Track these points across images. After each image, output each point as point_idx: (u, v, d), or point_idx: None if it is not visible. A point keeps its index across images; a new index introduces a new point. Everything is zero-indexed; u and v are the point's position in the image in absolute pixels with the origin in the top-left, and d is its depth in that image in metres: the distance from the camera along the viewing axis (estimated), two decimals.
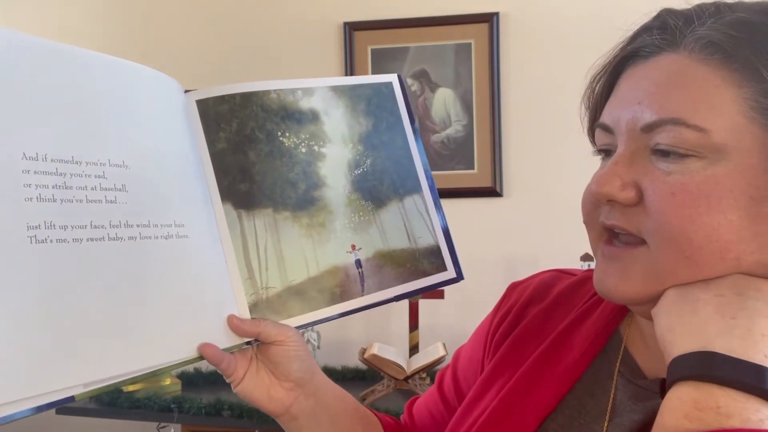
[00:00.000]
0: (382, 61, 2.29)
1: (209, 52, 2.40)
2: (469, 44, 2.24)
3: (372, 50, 2.29)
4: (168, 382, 1.95)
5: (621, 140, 0.57)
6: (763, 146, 0.51)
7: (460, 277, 0.79)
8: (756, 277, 0.52)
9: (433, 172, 2.24)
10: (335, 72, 2.33)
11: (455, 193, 2.25)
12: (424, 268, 0.78)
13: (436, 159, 2.27)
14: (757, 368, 0.46)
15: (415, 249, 0.78)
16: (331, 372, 2.11)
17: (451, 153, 2.26)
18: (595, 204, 0.59)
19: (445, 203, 2.57)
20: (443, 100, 2.26)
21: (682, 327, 0.50)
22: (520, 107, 2.24)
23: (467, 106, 2.25)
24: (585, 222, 0.61)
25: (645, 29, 0.59)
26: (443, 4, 2.25)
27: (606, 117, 0.59)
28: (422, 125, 2.28)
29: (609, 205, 0.57)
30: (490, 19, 2.22)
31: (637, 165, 0.55)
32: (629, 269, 0.56)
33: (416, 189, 0.79)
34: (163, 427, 1.84)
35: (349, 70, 2.29)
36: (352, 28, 2.30)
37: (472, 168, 2.25)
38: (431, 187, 0.80)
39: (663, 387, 0.50)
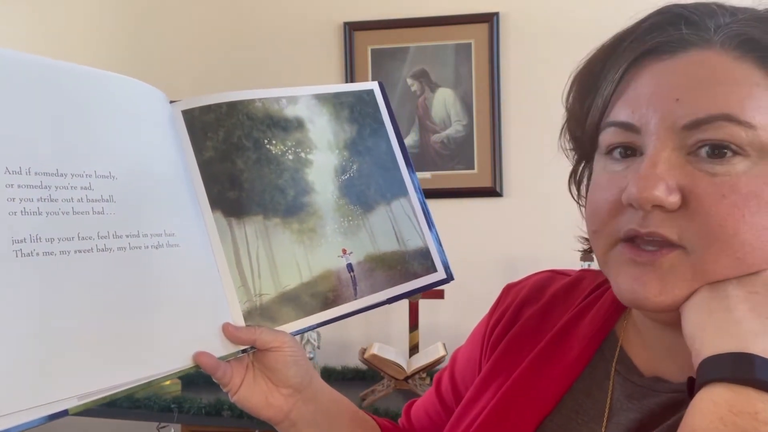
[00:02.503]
0: (382, 61, 2.29)
1: (209, 52, 2.41)
2: (469, 44, 2.24)
3: (372, 50, 2.29)
4: (168, 382, 1.96)
5: (652, 140, 0.53)
6: None
7: (450, 277, 0.79)
8: None
9: (433, 172, 2.27)
10: (336, 72, 2.33)
11: (455, 193, 2.25)
12: (414, 270, 0.78)
13: (436, 159, 2.27)
14: None
15: (405, 251, 0.78)
16: (331, 372, 2.11)
17: (451, 153, 2.26)
18: (614, 211, 0.55)
19: (445, 203, 2.56)
20: (443, 100, 2.26)
21: (714, 325, 0.48)
22: (520, 107, 2.23)
23: (467, 106, 2.25)
24: (595, 231, 0.58)
25: (667, 24, 0.56)
26: (443, 4, 2.25)
27: (625, 115, 0.55)
28: (422, 125, 2.28)
29: (644, 211, 0.52)
30: (490, 19, 2.22)
31: (676, 166, 0.52)
32: (669, 276, 0.52)
33: (402, 192, 0.80)
34: (163, 427, 1.85)
35: (349, 70, 2.29)
36: (352, 28, 2.29)
37: (472, 168, 2.25)
38: (417, 190, 0.81)
39: (691, 386, 0.48)
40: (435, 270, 0.79)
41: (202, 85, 2.36)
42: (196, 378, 2.05)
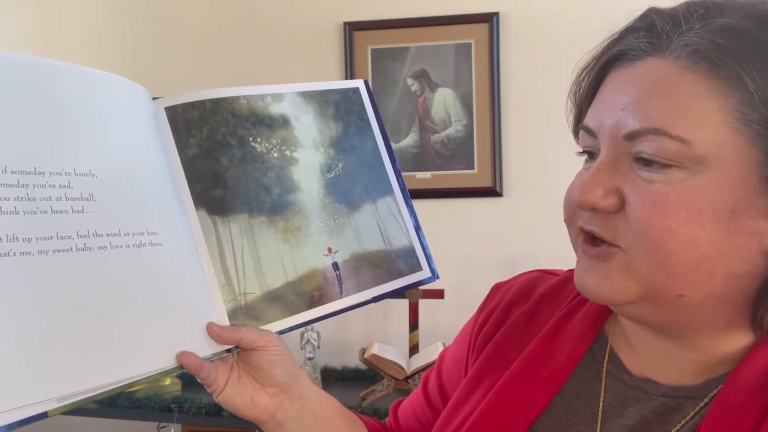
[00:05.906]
0: (382, 61, 2.29)
1: (209, 53, 2.41)
2: (469, 44, 2.24)
3: (372, 50, 2.29)
4: (168, 382, 1.96)
5: (604, 145, 0.56)
6: (746, 159, 0.51)
7: (435, 276, 0.80)
8: None
9: (433, 172, 2.27)
10: (336, 72, 2.33)
11: (455, 193, 2.26)
12: (399, 269, 0.78)
13: (436, 159, 2.27)
14: None
15: (390, 250, 0.78)
16: (331, 372, 2.11)
17: (451, 153, 2.26)
18: (576, 207, 0.59)
19: (445, 203, 2.55)
20: (443, 100, 2.26)
21: None
22: (520, 107, 2.23)
23: (467, 106, 2.25)
24: (565, 221, 0.61)
25: (631, 30, 0.57)
26: (443, 4, 2.25)
27: (590, 120, 0.58)
28: (422, 125, 2.28)
29: (590, 212, 0.56)
30: (490, 19, 2.22)
31: (619, 172, 0.55)
32: (610, 270, 0.55)
33: (388, 191, 0.80)
34: (163, 427, 1.85)
35: (349, 69, 2.29)
36: (352, 28, 2.30)
37: (472, 168, 2.25)
38: (402, 189, 0.81)
39: None
40: (420, 268, 0.79)
41: (201, 86, 2.36)
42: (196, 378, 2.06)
